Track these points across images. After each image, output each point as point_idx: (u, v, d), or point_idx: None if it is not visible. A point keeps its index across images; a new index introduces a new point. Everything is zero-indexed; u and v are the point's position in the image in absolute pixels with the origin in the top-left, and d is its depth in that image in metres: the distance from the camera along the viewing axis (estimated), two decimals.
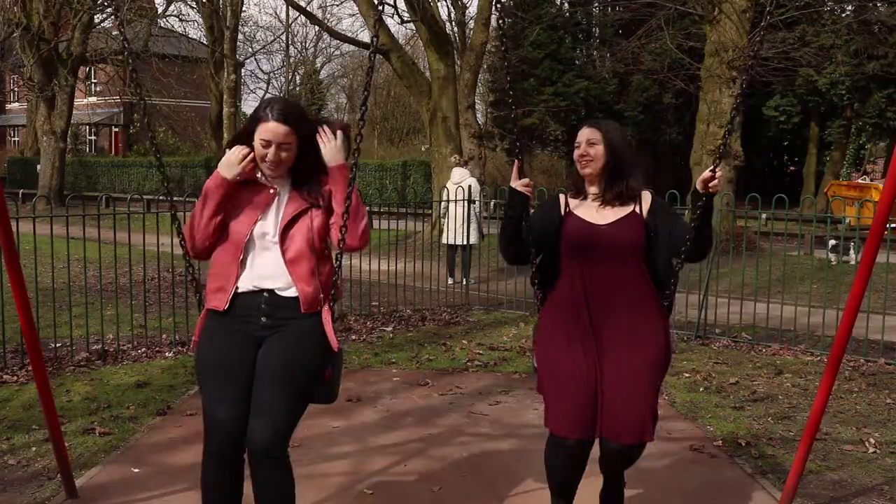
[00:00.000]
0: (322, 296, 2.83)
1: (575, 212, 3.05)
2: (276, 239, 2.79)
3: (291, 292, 2.80)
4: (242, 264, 2.81)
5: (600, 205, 3.02)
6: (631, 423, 2.83)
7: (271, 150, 2.74)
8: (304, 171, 2.85)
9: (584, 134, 3.06)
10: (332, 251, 2.93)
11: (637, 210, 3.01)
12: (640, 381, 2.87)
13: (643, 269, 2.98)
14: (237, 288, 2.81)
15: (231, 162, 2.77)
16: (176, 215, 3.16)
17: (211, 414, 2.75)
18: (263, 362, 2.78)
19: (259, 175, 2.85)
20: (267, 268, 2.80)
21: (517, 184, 3.01)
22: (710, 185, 2.88)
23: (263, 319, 2.81)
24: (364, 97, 3.09)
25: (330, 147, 2.86)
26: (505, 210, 3.08)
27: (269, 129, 2.73)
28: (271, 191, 2.83)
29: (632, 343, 2.91)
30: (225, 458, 2.78)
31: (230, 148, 2.83)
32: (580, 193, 3.11)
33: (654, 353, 2.92)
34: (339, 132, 2.89)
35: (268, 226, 2.81)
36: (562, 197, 3.14)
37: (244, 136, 2.81)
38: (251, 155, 2.77)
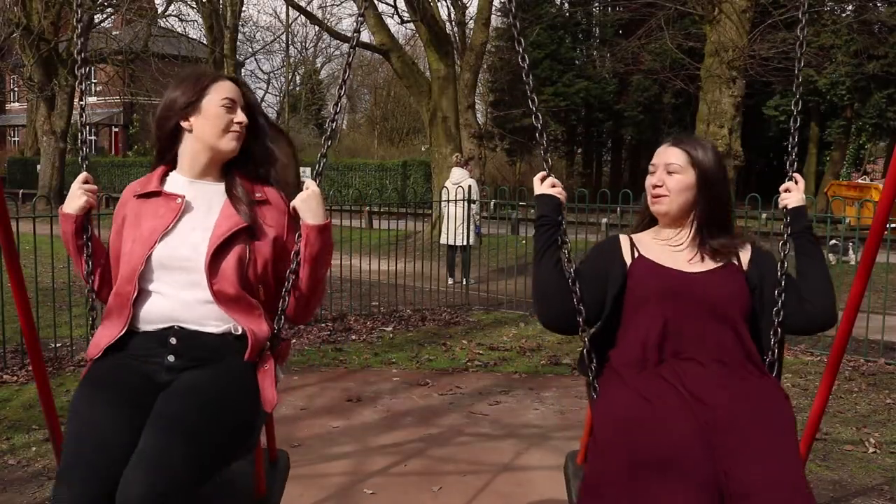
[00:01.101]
0: (262, 337, 2.16)
1: (648, 256, 2.25)
2: (201, 263, 2.11)
3: (212, 328, 2.12)
4: (137, 302, 2.14)
5: (683, 250, 2.26)
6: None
7: (238, 112, 2.20)
8: (244, 164, 2.26)
9: (662, 155, 2.27)
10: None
11: (735, 261, 2.25)
12: (779, 444, 1.95)
13: (747, 334, 2.18)
14: (132, 328, 2.14)
15: (73, 193, 2.25)
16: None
17: (67, 454, 1.91)
18: (161, 404, 1.99)
19: (164, 186, 2.25)
20: (178, 303, 2.12)
21: (544, 186, 2.29)
22: (781, 198, 2.32)
23: (171, 358, 2.10)
24: (337, 101, 2.43)
25: (310, 194, 2.17)
26: (535, 237, 2.25)
27: (228, 87, 2.20)
28: (177, 200, 2.19)
29: (752, 404, 2.03)
30: None
31: (168, 134, 2.26)
32: (648, 235, 2.34)
33: (787, 420, 2.05)
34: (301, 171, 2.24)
35: (179, 248, 2.14)
36: (623, 239, 2.33)
37: (177, 118, 2.20)
38: (89, 185, 2.26)
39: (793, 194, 2.32)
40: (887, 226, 3.19)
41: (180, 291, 2.12)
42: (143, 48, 25.04)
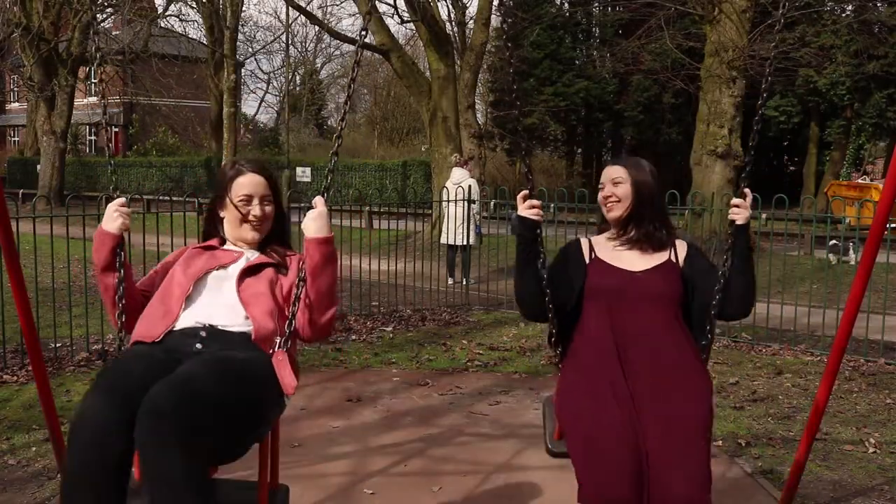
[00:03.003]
0: (279, 339, 2.42)
1: (602, 258, 2.75)
2: (234, 283, 2.48)
3: (238, 328, 2.41)
4: (186, 305, 2.45)
5: (630, 249, 2.74)
6: (686, 489, 2.38)
7: (255, 205, 2.55)
8: (274, 236, 2.63)
9: (608, 173, 2.77)
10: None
11: (672, 258, 2.74)
12: (690, 440, 2.45)
13: (680, 321, 2.67)
14: (174, 326, 2.41)
15: (110, 215, 2.53)
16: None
17: (85, 401, 2.11)
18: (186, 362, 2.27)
19: (226, 245, 2.64)
20: (214, 307, 2.44)
21: (524, 207, 2.69)
22: (731, 213, 2.65)
23: (199, 346, 2.36)
24: (346, 101, 2.78)
25: (318, 213, 2.43)
26: (517, 250, 2.71)
27: (247, 183, 2.55)
28: (234, 254, 2.59)
29: (675, 399, 2.51)
30: (91, 469, 2.04)
31: (209, 216, 2.66)
32: (604, 237, 2.83)
33: (703, 410, 2.52)
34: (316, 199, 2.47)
35: (224, 274, 2.52)
36: (583, 241, 2.83)
37: (216, 202, 2.63)
38: (125, 208, 2.53)
39: (742, 211, 2.66)
40: (887, 226, 3.19)
41: (213, 300, 2.45)
42: (143, 48, 25.03)
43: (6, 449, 4.29)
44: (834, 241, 12.15)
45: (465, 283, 9.89)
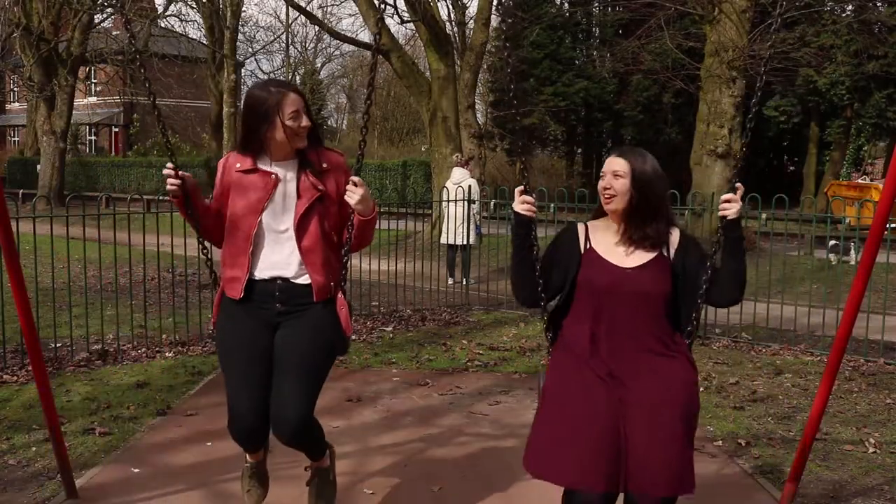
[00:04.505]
0: (333, 284, 2.97)
1: (596, 248, 2.76)
2: (292, 232, 2.90)
3: (304, 280, 2.93)
4: (254, 254, 2.92)
5: (624, 244, 2.74)
6: (665, 474, 2.49)
7: (304, 119, 2.85)
8: (309, 147, 2.94)
9: (610, 164, 2.74)
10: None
11: (665, 252, 2.73)
12: (672, 426, 2.54)
13: (665, 313, 2.73)
14: (251, 276, 2.93)
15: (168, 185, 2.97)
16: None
17: (234, 404, 2.95)
18: (282, 349, 2.93)
19: (258, 164, 2.95)
20: (281, 257, 2.92)
21: (517, 202, 2.78)
22: (722, 208, 2.72)
23: (279, 306, 2.94)
24: (367, 105, 3.19)
25: (362, 196, 2.88)
26: (512, 246, 2.83)
27: (294, 101, 2.84)
28: (273, 176, 2.90)
29: (658, 388, 2.60)
30: (249, 441, 3.06)
31: (244, 140, 2.93)
32: (602, 224, 2.83)
33: (684, 399, 2.61)
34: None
35: (277, 215, 2.91)
36: (580, 228, 2.82)
37: (262, 122, 2.85)
38: (169, 172, 2.95)
39: (732, 206, 2.72)
40: (887, 226, 3.19)
41: (278, 247, 2.92)
42: (143, 48, 25.01)
43: (6, 449, 4.29)
44: (834, 241, 12.14)
45: (465, 283, 9.89)
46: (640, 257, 2.72)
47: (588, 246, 2.77)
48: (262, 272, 2.93)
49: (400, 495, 3.76)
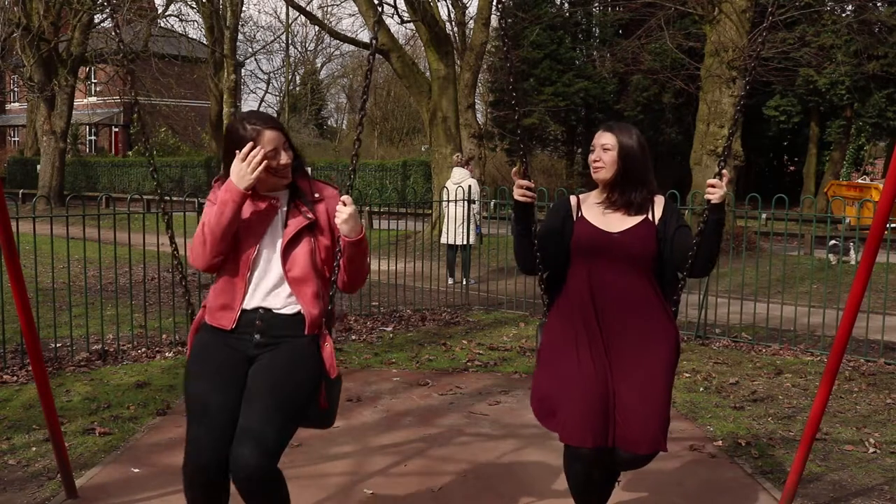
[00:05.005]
0: (324, 319, 2.79)
1: (587, 216, 2.99)
2: (279, 257, 2.72)
3: (288, 310, 2.73)
4: (249, 281, 2.73)
5: (612, 211, 2.97)
6: (646, 433, 2.78)
7: (283, 156, 2.68)
8: (296, 178, 2.78)
9: (599, 139, 2.97)
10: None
11: (650, 217, 2.96)
12: (653, 386, 2.83)
13: (652, 276, 2.95)
14: (243, 306, 2.74)
15: (244, 172, 2.63)
16: (169, 220, 3.20)
17: (191, 438, 2.63)
18: (252, 378, 2.68)
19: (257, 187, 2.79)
20: (270, 285, 2.73)
21: (515, 189, 2.93)
22: (707, 192, 2.90)
23: (257, 337, 2.72)
24: (363, 101, 3.09)
25: (349, 214, 2.68)
26: (513, 225, 3.00)
27: (272, 138, 2.65)
28: (273, 202, 2.75)
29: (642, 346, 2.86)
30: (203, 489, 2.65)
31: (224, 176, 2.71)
32: (593, 195, 3.05)
33: (666, 354, 2.89)
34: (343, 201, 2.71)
35: (271, 241, 2.74)
36: (573, 199, 3.07)
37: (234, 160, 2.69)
38: (264, 160, 2.64)
39: (717, 190, 2.90)
40: (887, 226, 3.19)
41: (268, 276, 2.74)
42: (143, 48, 25.02)
43: (6, 449, 4.29)
44: (834, 241, 12.14)
45: (465, 283, 9.89)
46: (626, 222, 2.95)
47: (580, 214, 3.01)
48: (248, 301, 2.73)
49: (400, 495, 3.76)
